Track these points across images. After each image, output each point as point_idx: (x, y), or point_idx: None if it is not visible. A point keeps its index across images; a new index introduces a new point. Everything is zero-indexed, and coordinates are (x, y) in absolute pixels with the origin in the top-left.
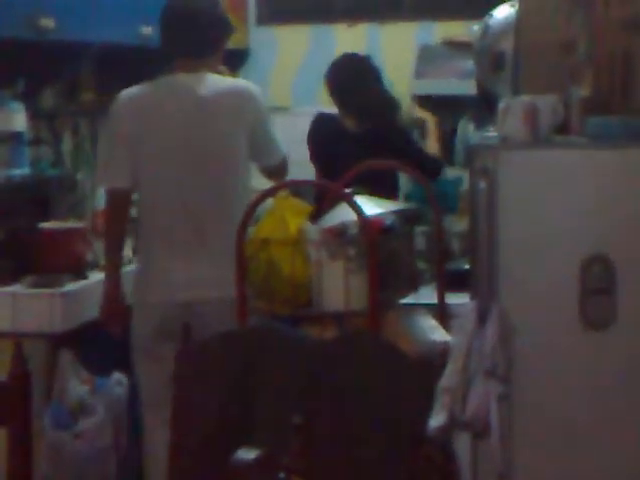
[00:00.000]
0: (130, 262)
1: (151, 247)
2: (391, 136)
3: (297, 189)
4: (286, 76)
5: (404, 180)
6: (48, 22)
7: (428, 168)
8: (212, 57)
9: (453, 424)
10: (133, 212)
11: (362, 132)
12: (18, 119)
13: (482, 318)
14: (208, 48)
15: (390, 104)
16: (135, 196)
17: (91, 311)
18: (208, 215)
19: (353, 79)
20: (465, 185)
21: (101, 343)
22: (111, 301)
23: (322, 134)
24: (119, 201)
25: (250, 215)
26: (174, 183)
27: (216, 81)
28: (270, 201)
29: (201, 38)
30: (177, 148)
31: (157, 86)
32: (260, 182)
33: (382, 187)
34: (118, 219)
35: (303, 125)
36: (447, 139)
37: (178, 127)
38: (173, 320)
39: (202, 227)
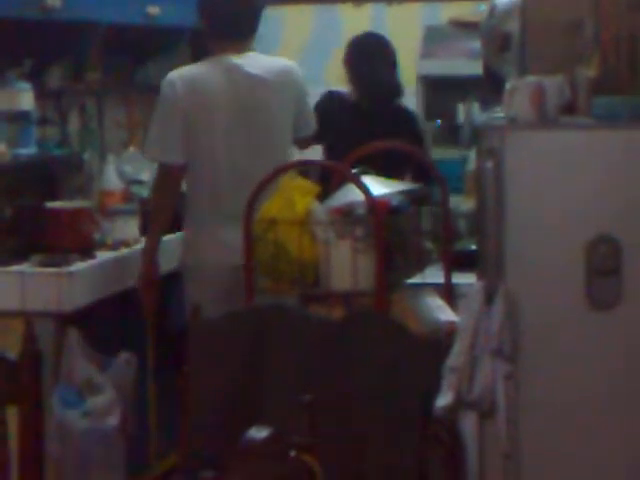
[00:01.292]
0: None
1: (204, 215)
2: (400, 116)
3: (304, 169)
4: (292, 56)
5: None
6: (54, 1)
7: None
8: (253, 37)
9: (460, 403)
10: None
11: (371, 109)
12: (25, 99)
13: (489, 298)
14: (253, 29)
15: (391, 89)
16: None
17: (99, 290)
18: (256, 182)
19: (374, 56)
20: (470, 165)
21: (109, 322)
22: (148, 271)
23: (330, 109)
24: (172, 175)
25: (257, 194)
26: (226, 156)
27: (264, 60)
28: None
29: (248, 21)
30: (230, 123)
31: (210, 66)
32: None
33: (391, 165)
34: (169, 193)
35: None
36: (452, 119)
37: (231, 104)
38: (227, 283)
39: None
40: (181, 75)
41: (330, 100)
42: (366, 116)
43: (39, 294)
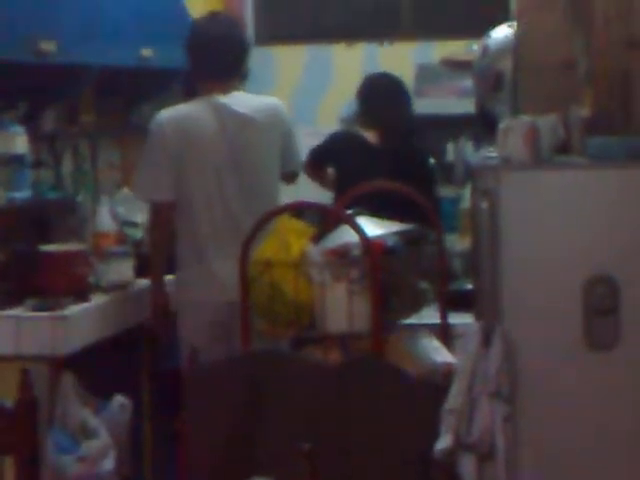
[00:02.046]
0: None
1: (196, 251)
2: (414, 156)
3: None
4: (284, 96)
5: None
6: (49, 45)
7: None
8: (239, 76)
9: (458, 446)
10: None
11: (385, 148)
12: (19, 142)
13: (486, 339)
14: (238, 69)
15: (408, 128)
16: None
17: (93, 333)
18: (247, 219)
19: (389, 95)
20: (464, 203)
21: (103, 365)
22: (159, 306)
23: (343, 147)
24: (160, 212)
25: (253, 237)
26: (216, 193)
27: (250, 99)
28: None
29: (233, 61)
30: (220, 161)
31: (197, 106)
32: None
33: (394, 204)
34: (162, 229)
35: (302, 144)
36: (442, 157)
37: (220, 143)
38: (222, 319)
39: (242, 231)
40: (169, 115)
41: (342, 137)
42: (380, 155)
43: (33, 338)
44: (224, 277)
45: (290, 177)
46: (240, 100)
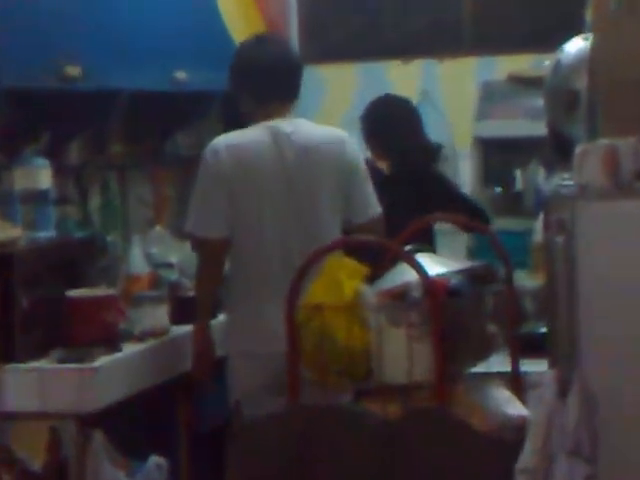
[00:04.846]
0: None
1: (250, 296)
2: (427, 182)
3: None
4: (334, 118)
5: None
6: (74, 70)
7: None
8: (297, 99)
9: None
10: None
11: (395, 175)
12: (43, 176)
13: (563, 389)
14: (297, 90)
15: (428, 150)
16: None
17: (126, 387)
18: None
19: (393, 120)
20: (536, 236)
21: (137, 423)
22: (202, 354)
23: None
24: (214, 251)
25: (301, 279)
26: (274, 232)
27: (312, 129)
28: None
29: (291, 81)
30: (278, 197)
31: (257, 134)
32: None
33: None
34: (212, 270)
35: None
36: (511, 185)
37: (279, 176)
38: (274, 370)
39: None
40: (226, 143)
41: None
42: (392, 181)
43: (60, 393)
44: (277, 325)
45: (365, 231)
46: (303, 129)
